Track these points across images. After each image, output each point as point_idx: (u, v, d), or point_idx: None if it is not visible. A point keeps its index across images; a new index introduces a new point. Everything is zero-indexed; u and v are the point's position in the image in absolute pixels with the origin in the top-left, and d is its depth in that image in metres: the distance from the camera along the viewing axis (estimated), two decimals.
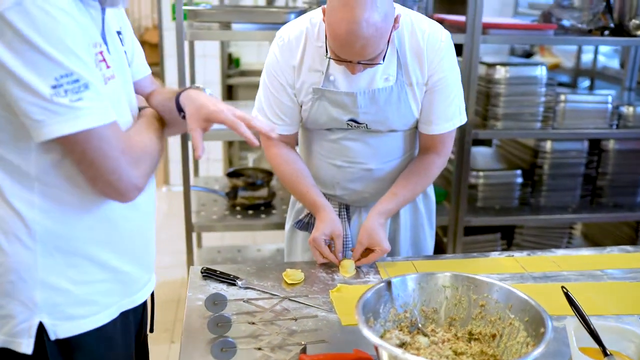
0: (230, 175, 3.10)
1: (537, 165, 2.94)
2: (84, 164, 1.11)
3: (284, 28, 1.70)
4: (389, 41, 1.50)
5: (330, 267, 1.66)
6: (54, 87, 1.02)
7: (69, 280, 1.17)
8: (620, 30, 2.78)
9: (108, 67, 1.17)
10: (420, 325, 1.24)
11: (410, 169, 1.75)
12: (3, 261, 1.14)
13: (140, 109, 1.33)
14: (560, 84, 3.56)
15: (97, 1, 1.17)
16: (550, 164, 2.92)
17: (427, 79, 1.65)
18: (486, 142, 3.56)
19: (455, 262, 1.77)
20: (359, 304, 1.13)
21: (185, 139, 2.52)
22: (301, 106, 1.71)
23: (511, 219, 2.89)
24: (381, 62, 1.53)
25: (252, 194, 2.95)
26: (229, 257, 3.25)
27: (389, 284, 1.23)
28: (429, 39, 1.62)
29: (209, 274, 1.59)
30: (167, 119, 1.34)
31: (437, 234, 3.15)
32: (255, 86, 1.78)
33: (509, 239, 3.07)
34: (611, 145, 2.92)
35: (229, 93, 4.79)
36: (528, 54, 4.62)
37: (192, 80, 3.29)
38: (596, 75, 3.92)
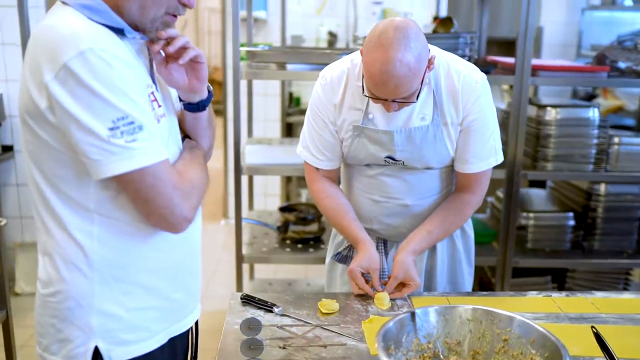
0: (282, 209, 3.20)
1: (591, 208, 2.89)
2: (138, 200, 1.19)
3: (327, 68, 1.80)
4: (422, 81, 1.56)
5: (366, 299, 1.70)
6: (111, 129, 1.12)
7: (122, 307, 1.25)
8: None
9: (159, 106, 1.27)
10: (442, 356, 1.27)
11: (445, 207, 1.79)
12: (63, 289, 1.23)
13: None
14: (623, 127, 3.51)
15: (146, 46, 1.28)
16: (605, 207, 2.87)
17: (462, 119, 1.70)
18: (540, 184, 3.53)
19: (490, 300, 1.78)
20: (380, 332, 1.18)
21: (238, 174, 2.64)
22: (342, 142, 1.79)
23: (562, 262, 2.85)
24: (415, 100, 1.60)
25: (302, 228, 3.03)
26: (279, 289, 3.32)
27: (412, 314, 1.27)
28: (464, 80, 1.68)
29: (248, 300, 1.66)
30: (192, 130, 1.44)
31: (485, 274, 3.13)
32: None
33: (560, 282, 3.01)
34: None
35: (288, 130, 4.94)
36: (590, 96, 4.56)
37: (250, 117, 3.43)
38: None
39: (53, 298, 1.24)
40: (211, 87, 1.42)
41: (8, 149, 3.44)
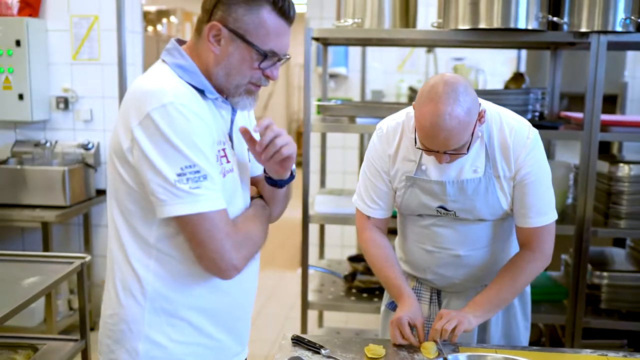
0: (351, 259, 3.26)
1: None
2: (193, 242, 1.31)
3: (384, 120, 1.88)
4: (473, 134, 1.61)
5: (414, 347, 1.73)
6: (179, 174, 1.25)
7: (167, 338, 1.36)
8: None
9: (228, 162, 1.40)
10: None
11: (504, 271, 1.79)
12: (119, 312, 1.37)
13: (252, 198, 1.53)
14: None
15: (229, 105, 1.43)
16: None
17: (515, 173, 1.73)
18: (620, 243, 3.40)
19: (542, 355, 1.75)
20: None
21: (305, 222, 2.74)
22: (395, 192, 1.85)
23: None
24: (466, 152, 1.64)
25: (369, 278, 3.07)
26: (346, 338, 3.34)
27: None
28: (515, 134, 1.72)
29: (298, 341, 1.73)
30: (268, 197, 1.54)
31: (556, 333, 3.03)
32: None
33: (637, 346, 2.86)
34: None
35: None
36: None
37: (323, 168, 3.55)
38: None
39: (110, 320, 1.38)
40: (294, 170, 1.50)
41: (101, 192, 3.74)
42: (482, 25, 2.42)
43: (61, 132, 3.73)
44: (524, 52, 4.82)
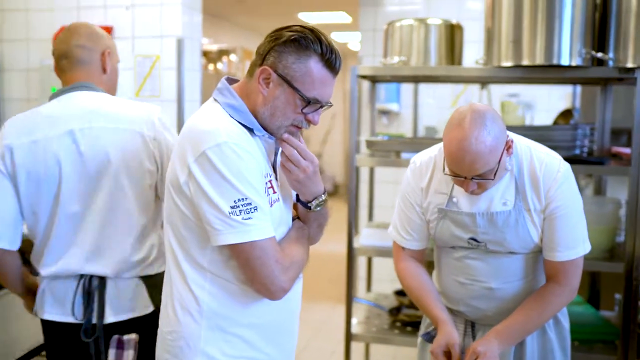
0: (398, 293, 3.27)
1: None
2: (246, 267, 1.42)
3: (417, 155, 1.94)
4: (499, 161, 1.65)
5: None
6: (233, 207, 1.37)
7: (222, 353, 1.47)
8: None
9: (274, 192, 1.50)
10: None
11: (531, 302, 1.79)
12: (178, 329, 1.48)
13: (292, 219, 1.62)
14: None
15: (272, 139, 1.54)
16: None
17: (545, 206, 1.75)
18: None
19: None
20: None
21: (351, 257, 2.79)
22: (428, 224, 1.89)
23: None
24: (492, 178, 1.67)
25: (414, 312, 3.07)
26: None
27: None
28: (546, 168, 1.74)
29: None
30: (303, 218, 1.63)
31: None
32: None
33: None
34: None
35: None
36: None
37: (371, 202, 3.60)
38: None
39: (169, 336, 1.49)
40: (322, 198, 1.57)
41: None
42: (525, 62, 2.45)
43: None
44: (579, 88, 4.76)
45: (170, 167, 1.47)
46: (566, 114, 3.11)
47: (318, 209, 1.57)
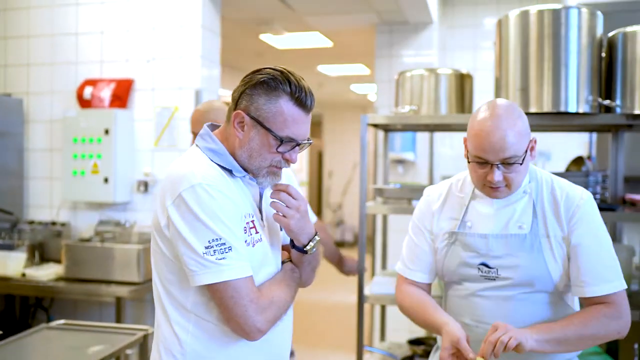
0: (411, 342, 3.23)
1: None
2: (221, 306, 1.43)
3: (431, 186, 1.95)
4: (525, 152, 1.65)
5: None
6: (207, 247, 1.39)
7: None
8: None
9: (257, 232, 1.52)
10: None
11: (576, 314, 1.69)
12: None
13: (283, 262, 1.63)
14: None
15: (254, 180, 1.57)
16: None
17: (568, 233, 1.69)
18: None
19: None
20: None
21: (361, 305, 2.77)
22: (436, 253, 1.84)
23: None
24: (520, 162, 1.65)
25: None
26: None
27: None
28: (567, 195, 1.72)
29: None
30: (295, 261, 1.63)
31: None
32: None
33: None
34: None
35: None
36: None
37: (384, 250, 3.60)
38: None
39: None
40: (316, 239, 1.60)
41: None
42: (532, 110, 2.48)
43: (140, 213, 4.00)
44: (594, 136, 4.76)
45: (154, 213, 1.50)
46: (577, 161, 3.10)
47: (314, 250, 1.58)
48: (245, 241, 1.47)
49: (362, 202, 2.76)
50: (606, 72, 2.53)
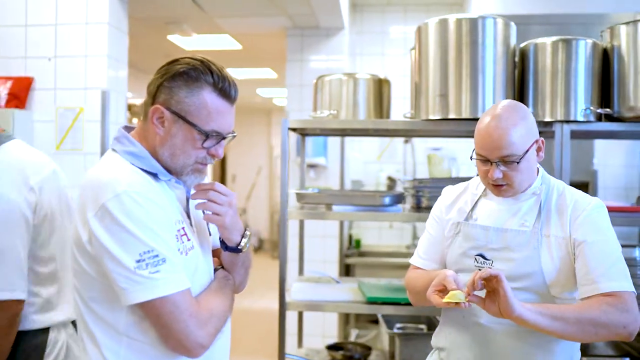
0: (330, 347, 3.22)
1: None
2: (158, 325, 1.32)
3: (450, 186, 2.01)
4: (527, 152, 1.69)
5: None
6: (138, 261, 1.28)
7: None
8: None
9: (189, 239, 1.43)
10: None
11: (582, 303, 1.65)
12: None
13: (215, 269, 1.55)
14: None
15: (180, 183, 1.47)
16: None
17: (570, 233, 1.70)
18: None
19: None
20: None
21: (283, 312, 2.72)
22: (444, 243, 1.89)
23: None
24: (518, 161, 1.69)
25: None
26: None
27: None
28: (577, 200, 1.76)
29: None
30: (228, 265, 1.56)
31: None
32: (373, 266, 2.02)
33: None
34: None
35: (347, 271, 5.02)
36: None
37: (301, 257, 3.56)
38: None
39: None
40: (247, 235, 1.53)
41: None
42: (451, 116, 2.53)
43: None
44: None
45: (73, 226, 1.38)
46: None
47: (247, 246, 1.52)
48: (179, 250, 1.37)
49: (283, 208, 2.71)
50: (519, 81, 2.64)
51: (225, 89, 1.41)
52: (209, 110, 1.39)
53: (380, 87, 2.96)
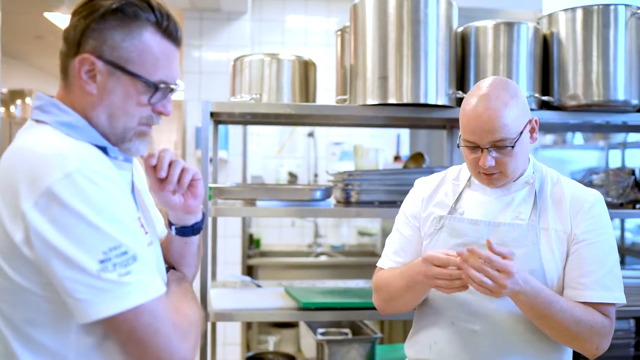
0: (249, 359, 2.91)
1: None
2: (131, 344, 1.00)
3: (423, 177, 1.80)
4: (521, 134, 1.49)
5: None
6: (102, 261, 0.96)
7: None
8: None
9: (146, 232, 1.13)
10: None
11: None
12: None
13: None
14: None
15: (130, 163, 1.14)
16: None
17: (571, 229, 1.52)
18: None
19: None
20: None
21: (204, 323, 2.38)
22: (423, 242, 1.65)
23: None
24: (512, 145, 1.49)
25: None
26: None
27: None
28: (575, 191, 1.57)
29: None
30: (178, 258, 1.28)
31: None
32: (274, 266, 1.73)
33: None
34: None
35: (249, 273, 4.71)
36: None
37: (214, 260, 3.21)
38: (625, 252, 3.82)
39: None
40: (205, 209, 1.27)
41: None
42: (391, 100, 2.32)
43: None
44: (404, 135, 4.90)
45: None
46: (416, 158, 3.06)
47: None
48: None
49: (205, 205, 2.35)
50: (460, 66, 2.48)
51: (170, 29, 1.13)
52: (155, 56, 1.11)
53: (307, 70, 2.69)
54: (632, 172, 2.77)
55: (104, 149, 1.09)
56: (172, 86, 1.13)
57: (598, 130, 3.62)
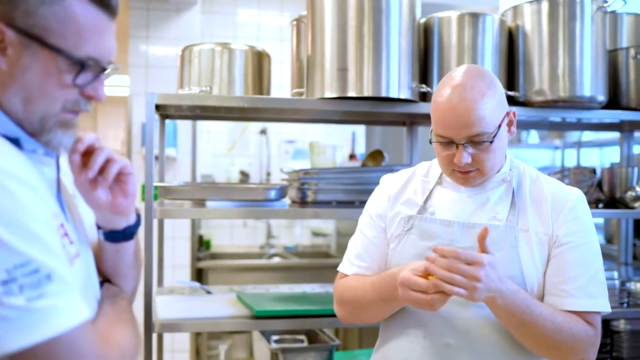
0: None
1: None
2: None
3: (389, 174, 1.64)
4: (499, 127, 1.37)
5: None
6: (5, 282, 0.77)
7: None
8: (613, 203, 2.68)
9: (71, 242, 0.94)
10: None
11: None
12: None
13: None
14: None
15: (54, 157, 0.95)
16: None
17: (553, 231, 1.40)
18: None
19: None
20: None
21: (148, 333, 2.18)
22: (389, 245, 1.50)
23: None
24: (490, 141, 1.36)
25: None
26: None
27: None
28: (554, 189, 1.45)
29: None
30: (113, 269, 1.10)
31: None
32: (226, 269, 1.55)
33: None
34: (622, 326, 2.67)
35: (199, 277, 4.50)
36: None
37: (160, 264, 3.01)
38: None
39: None
40: (139, 211, 1.11)
41: None
42: (351, 94, 2.18)
43: None
44: (360, 132, 4.78)
45: None
46: (375, 156, 2.93)
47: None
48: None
49: (148, 204, 2.16)
50: (423, 58, 2.36)
51: None
52: (80, 26, 0.91)
53: (260, 61, 2.52)
54: (594, 172, 2.71)
55: (16, 141, 0.90)
56: (104, 65, 0.94)
57: (562, 128, 3.57)
